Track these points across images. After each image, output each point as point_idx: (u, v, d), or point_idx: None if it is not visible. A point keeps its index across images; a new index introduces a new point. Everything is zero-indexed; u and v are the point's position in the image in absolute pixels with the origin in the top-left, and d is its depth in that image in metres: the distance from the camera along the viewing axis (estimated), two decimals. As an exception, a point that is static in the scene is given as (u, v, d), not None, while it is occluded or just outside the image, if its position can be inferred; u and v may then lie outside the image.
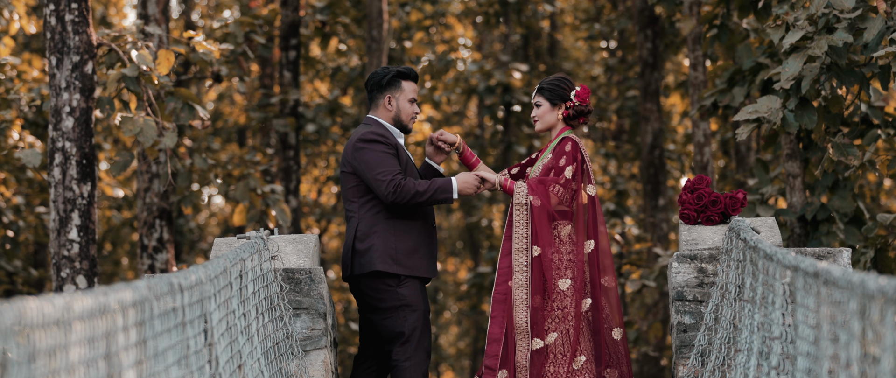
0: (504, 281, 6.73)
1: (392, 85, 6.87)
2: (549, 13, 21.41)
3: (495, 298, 6.73)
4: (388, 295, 6.75)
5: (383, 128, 6.84)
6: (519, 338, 6.65)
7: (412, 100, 6.90)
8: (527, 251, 6.72)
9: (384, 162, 6.67)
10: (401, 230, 6.75)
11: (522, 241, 6.72)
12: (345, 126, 20.19)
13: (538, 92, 6.94)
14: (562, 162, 6.79)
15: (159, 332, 4.05)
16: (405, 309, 6.74)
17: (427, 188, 6.64)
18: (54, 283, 9.09)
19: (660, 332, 15.91)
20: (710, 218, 7.07)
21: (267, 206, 12.22)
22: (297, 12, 15.83)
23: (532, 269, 6.70)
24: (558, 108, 6.91)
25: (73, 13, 9.04)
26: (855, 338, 3.76)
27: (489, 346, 6.67)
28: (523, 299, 6.67)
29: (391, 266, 6.71)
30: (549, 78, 6.97)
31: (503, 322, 6.68)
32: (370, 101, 6.94)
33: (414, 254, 6.76)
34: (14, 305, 2.98)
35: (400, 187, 6.61)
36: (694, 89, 13.24)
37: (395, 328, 6.76)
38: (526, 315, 6.65)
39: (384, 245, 6.72)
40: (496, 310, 6.71)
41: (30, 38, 19.22)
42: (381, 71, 6.90)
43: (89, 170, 9.12)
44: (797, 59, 8.09)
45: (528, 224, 6.72)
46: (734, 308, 6.18)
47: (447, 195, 6.66)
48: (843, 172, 9.56)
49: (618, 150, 20.87)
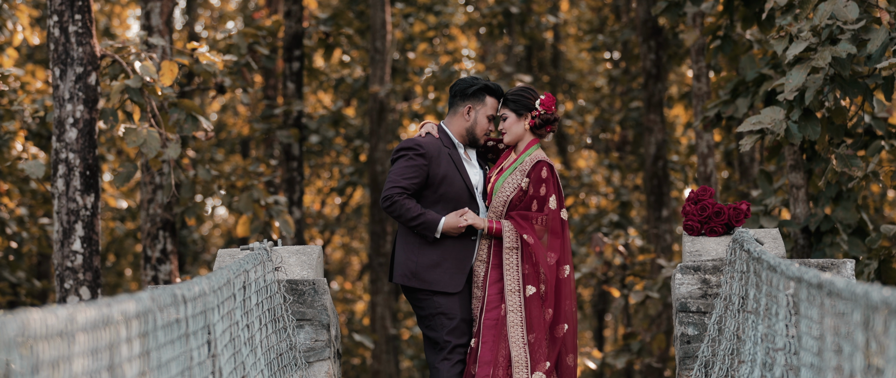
0: (494, 308, 6.70)
1: (476, 97, 6.88)
2: (552, 24, 21.43)
3: (486, 324, 6.69)
4: (426, 303, 6.78)
5: (436, 139, 6.83)
6: (516, 369, 6.63)
7: (491, 117, 6.90)
8: (520, 293, 6.69)
9: (400, 173, 6.70)
10: (426, 243, 6.77)
11: (515, 283, 6.70)
12: (348, 137, 20.20)
13: (503, 104, 6.87)
14: (542, 191, 6.74)
15: (162, 344, 4.04)
16: (441, 317, 6.75)
17: (416, 217, 6.68)
18: (58, 294, 9.09)
19: (663, 343, 15.89)
20: (713, 229, 7.07)
21: (270, 217, 12.22)
22: (300, 23, 15.85)
23: (526, 308, 6.68)
24: (524, 118, 6.86)
25: (76, 24, 9.05)
26: (859, 349, 3.75)
27: (480, 368, 6.65)
28: (520, 336, 6.66)
29: (410, 280, 6.77)
30: (513, 89, 6.92)
31: (495, 347, 6.66)
32: (450, 105, 6.95)
33: (436, 268, 6.75)
34: (17, 317, 2.98)
35: (393, 204, 6.67)
36: (697, 100, 13.24)
37: (430, 334, 6.79)
38: (524, 352, 6.65)
39: (406, 258, 6.78)
40: (487, 335, 6.68)
41: (33, 50, 19.25)
42: (469, 80, 6.91)
43: (93, 181, 9.12)
44: (801, 71, 8.09)
45: (518, 267, 6.70)
46: (738, 319, 6.17)
47: (430, 232, 6.70)
48: (847, 183, 9.55)
49: (621, 161, 20.87)
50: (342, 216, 24.48)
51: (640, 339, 16.25)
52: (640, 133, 19.50)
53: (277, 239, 7.41)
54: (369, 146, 18.31)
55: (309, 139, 18.63)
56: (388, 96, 18.33)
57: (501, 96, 6.91)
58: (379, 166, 18.07)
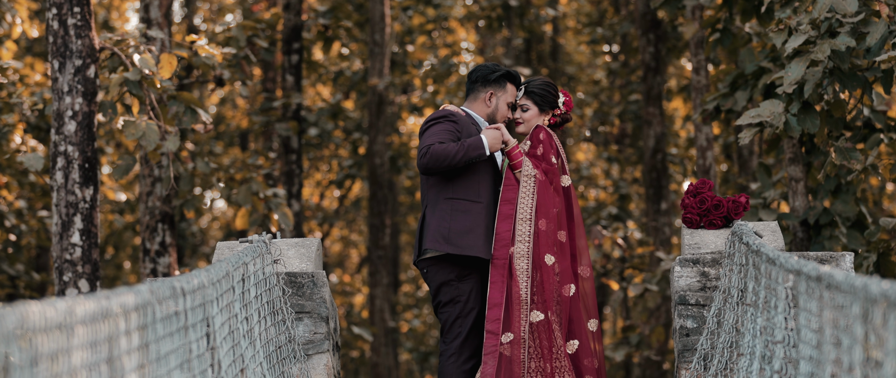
0: (503, 246, 6.65)
1: (498, 83, 6.87)
2: (551, 17, 21.41)
3: (495, 264, 6.63)
4: (449, 288, 6.71)
5: (460, 115, 6.80)
6: (520, 308, 6.60)
7: (511, 104, 6.89)
8: (530, 221, 6.65)
9: (433, 136, 6.62)
10: (459, 210, 6.67)
11: (527, 210, 6.66)
12: (347, 130, 20.19)
13: (527, 95, 6.89)
14: (539, 150, 6.77)
15: (161, 336, 4.05)
16: (460, 304, 6.71)
17: (458, 148, 6.55)
18: (56, 286, 9.09)
19: (662, 336, 15.90)
20: (712, 222, 7.07)
21: (269, 209, 12.22)
22: (299, 16, 15.84)
23: (534, 240, 6.66)
24: (546, 114, 6.92)
25: (75, 17, 9.05)
26: (857, 342, 3.75)
27: (490, 310, 6.59)
28: (524, 269, 6.61)
29: (441, 245, 6.63)
30: (537, 82, 6.93)
31: (503, 287, 6.61)
32: (469, 91, 6.93)
33: (469, 233, 6.65)
34: (16, 309, 2.98)
35: (429, 153, 6.52)
36: (696, 93, 13.24)
37: (441, 317, 6.76)
38: (526, 285, 6.60)
39: (439, 224, 6.66)
40: (496, 275, 6.63)
41: (32, 42, 19.23)
42: (491, 65, 6.89)
43: (91, 174, 9.12)
44: (800, 64, 8.09)
45: (533, 195, 6.68)
46: (737, 312, 6.18)
47: (479, 151, 6.59)
48: (846, 176, 9.55)
49: (620, 154, 20.87)
50: (341, 209, 24.49)
51: (638, 332, 16.26)
52: (639, 126, 19.50)
53: (276, 231, 7.43)
54: (368, 139, 18.30)
55: (308, 132, 18.62)
56: (387, 89, 18.31)
57: (519, 83, 6.91)
58: (378, 159, 18.06)
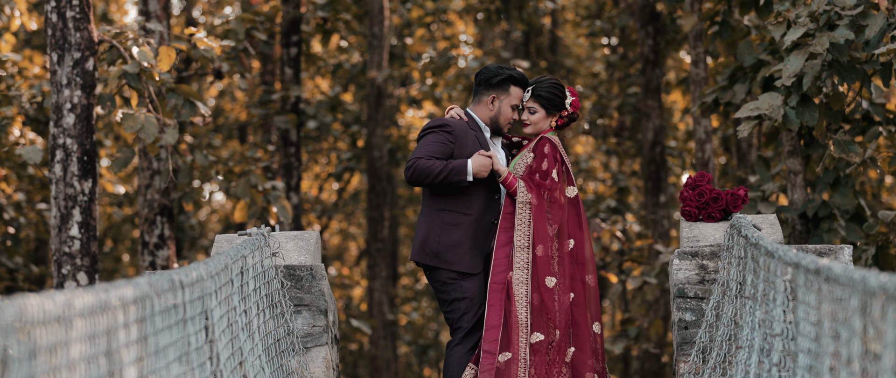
0: (501, 271, 6.74)
1: (501, 87, 6.88)
2: (550, 10, 21.40)
3: (492, 288, 6.73)
4: (448, 286, 6.77)
5: (463, 121, 6.84)
6: (520, 331, 6.66)
7: (515, 106, 6.90)
8: (528, 249, 6.73)
9: (425, 148, 6.67)
10: (449, 223, 6.75)
11: (524, 238, 6.74)
12: (346, 123, 20.19)
13: (534, 98, 6.91)
14: (544, 165, 6.81)
15: (160, 329, 4.05)
16: (461, 301, 6.77)
17: (442, 169, 6.62)
18: (55, 279, 9.09)
19: (661, 328, 15.90)
20: (711, 215, 7.07)
21: (268, 202, 12.22)
22: (298, 9, 15.83)
23: (532, 266, 6.72)
24: (553, 116, 6.94)
25: (74, 10, 9.04)
26: (856, 335, 3.76)
27: (487, 332, 6.67)
28: (524, 295, 6.70)
29: (431, 260, 6.75)
30: (544, 84, 6.93)
31: (501, 310, 6.70)
32: (474, 93, 6.94)
33: (457, 248, 6.74)
34: (15, 302, 2.98)
35: (415, 168, 6.60)
36: (695, 86, 13.23)
37: (448, 316, 6.81)
38: (526, 311, 6.67)
39: (427, 236, 6.76)
40: (494, 298, 6.73)
41: (31, 35, 19.21)
42: (494, 68, 6.90)
43: (90, 166, 9.11)
44: (798, 56, 8.09)
45: (529, 222, 6.74)
46: (735, 305, 6.18)
47: (461, 176, 6.65)
48: (845, 169, 9.55)
49: (619, 146, 20.86)
50: (340, 202, 24.48)
51: (637, 325, 16.26)
52: (638, 119, 19.49)
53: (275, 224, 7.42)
54: (367, 131, 18.29)
55: (306, 124, 18.62)
56: (386, 82, 18.30)
57: (525, 86, 6.91)
58: (376, 152, 18.06)
